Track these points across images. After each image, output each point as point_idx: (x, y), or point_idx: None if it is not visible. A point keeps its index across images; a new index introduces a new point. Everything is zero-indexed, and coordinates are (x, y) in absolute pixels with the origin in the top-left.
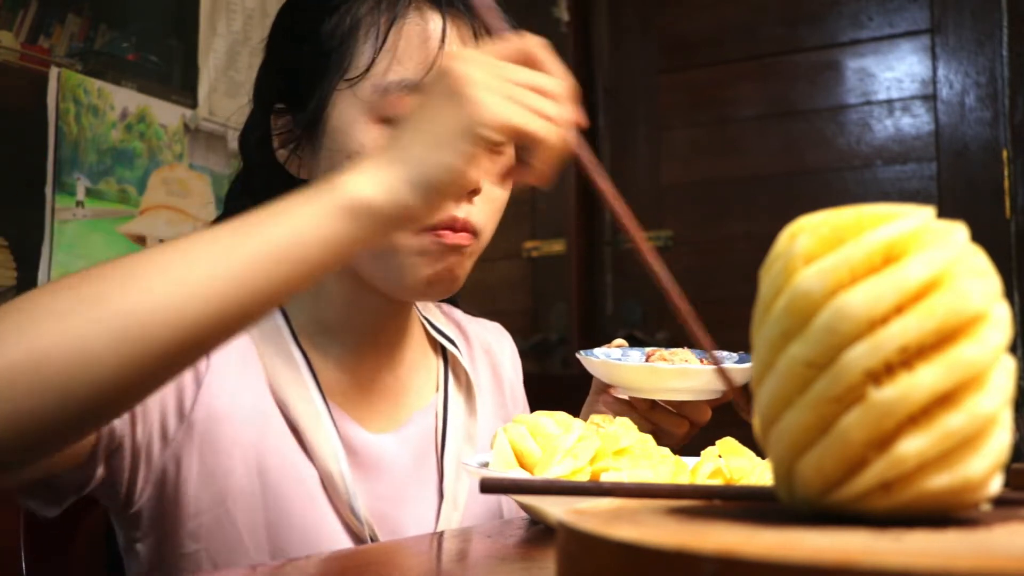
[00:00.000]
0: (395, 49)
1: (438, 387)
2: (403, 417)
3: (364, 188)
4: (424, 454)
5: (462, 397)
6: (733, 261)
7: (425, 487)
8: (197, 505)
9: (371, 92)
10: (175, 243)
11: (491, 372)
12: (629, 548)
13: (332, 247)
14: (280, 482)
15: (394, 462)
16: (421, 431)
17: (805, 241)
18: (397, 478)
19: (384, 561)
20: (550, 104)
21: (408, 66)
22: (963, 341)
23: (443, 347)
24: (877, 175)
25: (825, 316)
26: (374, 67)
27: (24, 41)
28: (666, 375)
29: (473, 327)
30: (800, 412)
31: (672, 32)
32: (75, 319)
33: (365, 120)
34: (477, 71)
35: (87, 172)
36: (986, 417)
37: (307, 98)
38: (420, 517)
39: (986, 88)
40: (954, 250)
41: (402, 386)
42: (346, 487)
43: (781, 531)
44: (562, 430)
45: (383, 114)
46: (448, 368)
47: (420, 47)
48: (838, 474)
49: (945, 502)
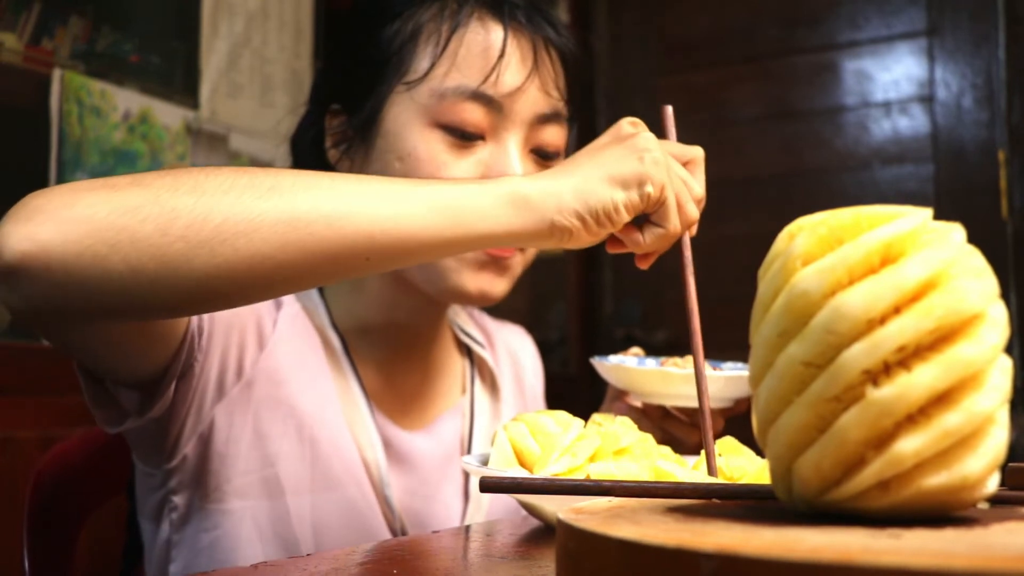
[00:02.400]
0: (455, 56)
1: (464, 389)
2: (432, 417)
3: (531, 188)
4: (451, 454)
5: (487, 399)
6: (732, 261)
7: (451, 486)
8: (247, 463)
9: (428, 96)
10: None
11: (513, 375)
12: (629, 546)
13: (487, 223)
14: (329, 455)
15: (424, 459)
16: (449, 432)
17: (803, 241)
18: (427, 475)
19: (383, 560)
20: (690, 199)
21: (467, 73)
22: (960, 341)
23: (469, 348)
24: (875, 176)
25: (823, 316)
26: (433, 72)
27: (27, 43)
28: (677, 380)
29: (497, 330)
30: (798, 411)
31: (672, 33)
32: (275, 198)
33: (421, 123)
34: (653, 145)
35: (90, 173)
36: (983, 416)
37: (364, 99)
38: (447, 515)
39: (983, 90)
40: (951, 250)
41: (432, 386)
42: (381, 476)
43: (780, 530)
44: (561, 429)
45: (439, 119)
46: (475, 369)
47: (480, 56)
48: (836, 473)
49: (943, 501)
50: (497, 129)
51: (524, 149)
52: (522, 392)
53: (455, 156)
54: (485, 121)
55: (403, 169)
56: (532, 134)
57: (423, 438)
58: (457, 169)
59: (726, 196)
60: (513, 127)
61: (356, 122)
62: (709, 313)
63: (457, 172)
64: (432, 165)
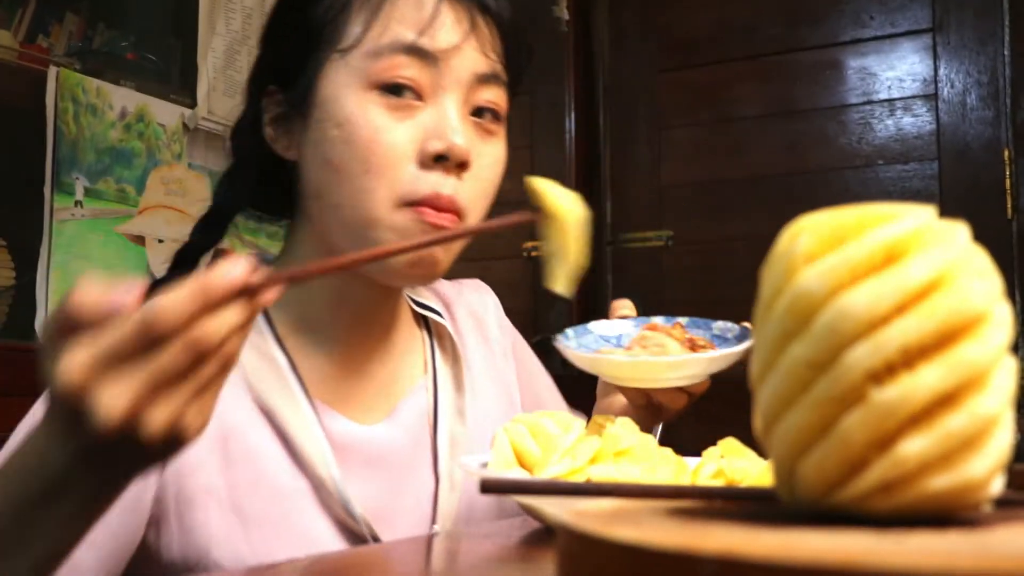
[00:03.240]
0: (388, 18)
1: (426, 365)
2: (394, 403)
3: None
4: (418, 438)
5: (449, 371)
6: (733, 261)
7: (420, 471)
8: (185, 564)
9: (363, 58)
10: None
11: (479, 335)
12: (629, 549)
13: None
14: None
15: (388, 452)
16: (413, 415)
17: (806, 241)
18: (392, 468)
19: (383, 561)
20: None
21: (400, 30)
22: (964, 341)
23: (427, 319)
24: (878, 174)
25: (826, 316)
26: (367, 34)
27: (22, 40)
28: (653, 368)
29: (456, 293)
30: (801, 412)
31: (672, 32)
32: None
33: (357, 87)
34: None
35: (86, 172)
36: (988, 417)
37: (298, 74)
38: (417, 503)
39: (988, 87)
40: (956, 250)
41: (392, 373)
42: (338, 490)
43: (782, 532)
44: (561, 430)
45: (374, 79)
46: (434, 340)
47: (414, 11)
48: (839, 475)
49: (946, 503)
50: (435, 89)
51: (463, 111)
52: (491, 351)
53: (393, 119)
54: (422, 78)
55: (340, 136)
56: (471, 95)
57: (385, 429)
58: (396, 133)
59: (727, 195)
60: (451, 87)
61: (292, 97)
62: (710, 313)
63: (396, 137)
64: (369, 129)
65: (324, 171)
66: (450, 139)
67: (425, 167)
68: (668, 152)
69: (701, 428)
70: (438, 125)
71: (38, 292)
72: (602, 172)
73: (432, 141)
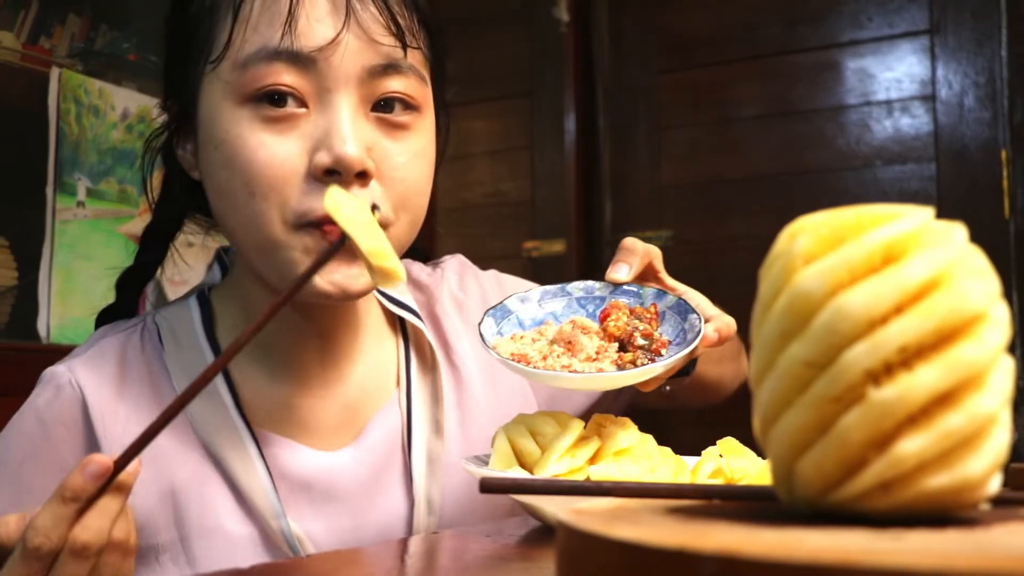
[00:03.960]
0: (249, 18)
1: (399, 378)
2: (362, 424)
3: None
4: (388, 460)
5: (427, 382)
6: (733, 261)
7: (391, 495)
8: None
9: (231, 71)
10: None
11: (462, 320)
12: (629, 548)
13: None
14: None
15: (352, 480)
16: (383, 435)
17: (805, 241)
18: (356, 498)
19: (383, 561)
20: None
21: (266, 34)
22: (962, 341)
23: (403, 321)
24: (876, 175)
25: (825, 316)
26: (231, 43)
27: (25, 41)
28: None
29: (437, 280)
30: (800, 412)
31: (672, 32)
32: None
33: (230, 103)
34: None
35: (88, 172)
36: (985, 417)
37: (181, 87)
38: (385, 533)
39: (985, 88)
40: (953, 250)
41: (357, 392)
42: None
43: (781, 531)
44: (561, 430)
45: (246, 93)
46: (410, 346)
47: (278, 12)
48: (838, 474)
49: (944, 502)
50: (320, 93)
51: (360, 110)
52: (476, 335)
53: (272, 134)
54: (301, 85)
55: (220, 158)
56: (367, 91)
57: (350, 454)
58: (276, 149)
59: (727, 196)
60: (338, 87)
61: (181, 113)
62: None
63: (276, 153)
64: (246, 149)
65: (215, 196)
66: (338, 151)
67: (319, 181)
68: (668, 152)
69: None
70: (326, 134)
71: (40, 292)
72: (602, 172)
73: (319, 154)
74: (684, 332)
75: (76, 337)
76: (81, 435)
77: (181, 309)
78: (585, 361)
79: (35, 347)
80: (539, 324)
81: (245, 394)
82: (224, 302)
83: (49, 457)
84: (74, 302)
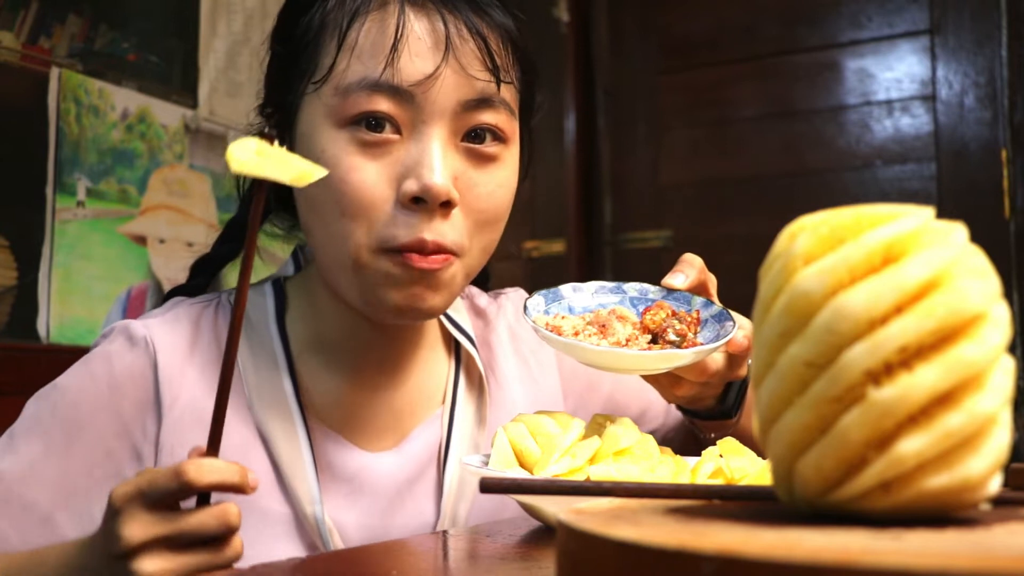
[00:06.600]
0: (354, 48)
1: (446, 395)
2: (406, 432)
3: None
4: (423, 471)
5: (472, 404)
6: (733, 261)
7: (421, 504)
8: None
9: (332, 95)
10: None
11: (516, 352)
12: (629, 548)
13: None
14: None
15: (389, 482)
16: (423, 446)
17: (805, 241)
18: (390, 498)
19: (383, 560)
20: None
21: (369, 64)
22: (962, 341)
23: (458, 343)
24: (876, 175)
25: (825, 316)
26: (335, 67)
27: (25, 41)
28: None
29: (497, 309)
30: (800, 412)
31: (672, 32)
32: None
33: (328, 125)
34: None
35: (88, 172)
36: (985, 417)
37: (282, 101)
38: (411, 535)
39: (985, 88)
40: (953, 250)
41: (406, 400)
42: (318, 525)
43: (781, 531)
44: (561, 430)
45: (345, 118)
46: (460, 368)
47: (382, 44)
48: (838, 474)
49: (944, 502)
50: (415, 123)
51: (450, 141)
52: (527, 366)
53: (366, 158)
54: (398, 114)
55: None
56: (459, 123)
57: (391, 458)
58: (368, 173)
59: (726, 196)
60: (432, 119)
61: (281, 125)
62: None
63: (368, 177)
64: (340, 169)
65: (305, 209)
66: (426, 180)
67: (406, 208)
68: (668, 152)
69: None
70: (416, 163)
71: (40, 292)
72: (602, 172)
73: (408, 182)
74: (718, 337)
75: (76, 337)
76: (146, 392)
77: (256, 294)
78: (613, 345)
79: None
80: (588, 312)
81: (304, 383)
82: (297, 294)
83: (110, 405)
84: (74, 302)
